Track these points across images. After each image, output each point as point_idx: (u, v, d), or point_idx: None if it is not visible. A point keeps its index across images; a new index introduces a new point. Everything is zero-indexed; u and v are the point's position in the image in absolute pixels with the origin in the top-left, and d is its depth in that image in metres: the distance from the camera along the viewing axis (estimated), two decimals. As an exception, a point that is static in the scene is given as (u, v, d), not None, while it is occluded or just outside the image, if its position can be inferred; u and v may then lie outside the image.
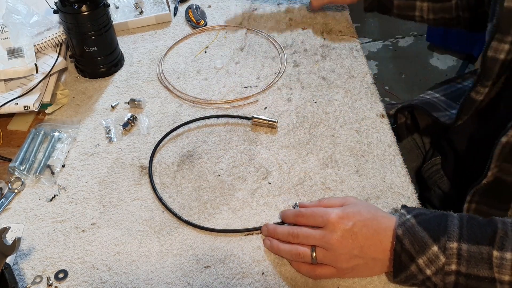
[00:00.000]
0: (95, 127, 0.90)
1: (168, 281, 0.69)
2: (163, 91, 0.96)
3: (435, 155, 0.95)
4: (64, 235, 0.74)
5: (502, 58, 0.69)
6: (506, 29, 0.67)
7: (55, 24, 0.99)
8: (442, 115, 0.89)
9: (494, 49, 0.70)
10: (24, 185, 0.81)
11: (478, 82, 0.75)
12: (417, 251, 0.60)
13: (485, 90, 0.75)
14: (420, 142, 1.00)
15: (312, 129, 0.87)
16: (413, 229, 0.61)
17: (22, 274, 0.70)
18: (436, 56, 2.42)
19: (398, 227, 0.62)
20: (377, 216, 0.65)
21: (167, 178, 0.81)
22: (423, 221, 0.62)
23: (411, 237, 0.61)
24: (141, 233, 0.74)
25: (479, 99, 0.76)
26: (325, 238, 0.64)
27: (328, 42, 1.03)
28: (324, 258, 0.64)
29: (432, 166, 0.94)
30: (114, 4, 1.12)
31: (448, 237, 0.60)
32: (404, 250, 0.61)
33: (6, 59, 0.92)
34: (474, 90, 0.76)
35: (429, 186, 0.93)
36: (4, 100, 0.89)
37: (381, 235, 0.63)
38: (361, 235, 0.63)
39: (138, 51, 1.04)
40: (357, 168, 0.81)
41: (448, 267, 0.59)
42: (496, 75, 0.72)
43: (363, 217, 0.65)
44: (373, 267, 0.65)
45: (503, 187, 0.70)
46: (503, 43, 0.68)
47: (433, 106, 0.93)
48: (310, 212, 0.68)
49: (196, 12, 1.11)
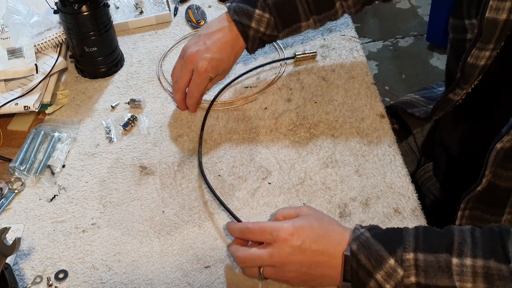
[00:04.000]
0: (95, 127, 0.90)
1: (168, 281, 0.69)
2: (163, 91, 0.96)
3: (427, 161, 0.96)
4: (64, 235, 0.75)
5: (482, 64, 0.70)
6: (488, 39, 0.68)
7: (55, 24, 0.99)
8: (418, 110, 0.91)
9: (475, 57, 0.70)
10: (24, 185, 0.81)
11: (457, 86, 0.76)
12: (373, 266, 0.59)
13: (462, 92, 0.76)
14: (415, 147, 1.00)
15: (312, 129, 0.87)
16: (368, 243, 0.60)
17: (22, 274, 0.70)
18: (436, 56, 2.42)
19: (352, 241, 0.61)
20: (329, 230, 0.63)
21: (167, 178, 0.81)
22: (378, 234, 0.61)
23: (366, 252, 0.60)
24: (141, 233, 0.74)
25: (456, 99, 0.78)
26: (274, 258, 0.62)
27: (328, 42, 1.03)
28: (273, 274, 0.64)
29: (425, 173, 0.94)
30: (114, 4, 1.12)
31: (404, 248, 0.59)
32: (361, 266, 0.60)
33: (6, 59, 0.92)
34: (453, 92, 0.77)
35: (423, 192, 0.93)
36: (4, 100, 0.89)
37: (331, 251, 0.62)
38: (311, 252, 0.62)
39: (138, 51, 1.04)
40: (357, 168, 0.81)
41: (407, 279, 0.58)
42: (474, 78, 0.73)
43: (314, 232, 0.62)
44: (322, 282, 0.64)
45: (497, 192, 0.70)
46: (484, 51, 0.69)
47: (409, 104, 0.95)
48: (258, 228, 0.64)
49: (196, 12, 1.11)
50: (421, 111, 0.90)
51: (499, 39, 0.67)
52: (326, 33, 1.05)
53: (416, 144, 1.00)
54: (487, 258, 0.56)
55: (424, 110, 0.90)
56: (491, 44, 0.68)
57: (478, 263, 0.56)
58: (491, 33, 0.67)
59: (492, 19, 0.66)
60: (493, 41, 0.68)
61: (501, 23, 0.66)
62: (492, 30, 0.67)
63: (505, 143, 0.65)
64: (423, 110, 0.90)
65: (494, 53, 0.69)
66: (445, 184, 0.91)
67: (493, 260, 0.56)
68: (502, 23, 0.66)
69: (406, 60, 2.43)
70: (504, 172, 0.67)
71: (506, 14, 0.65)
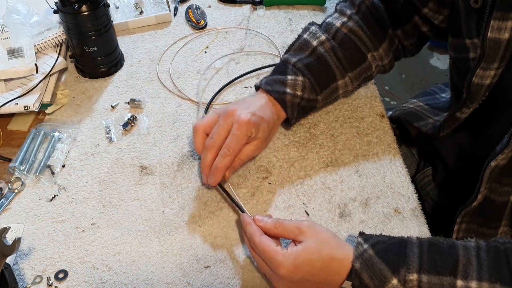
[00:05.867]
0: (95, 127, 0.90)
1: (168, 281, 0.69)
2: (163, 91, 0.96)
3: (426, 166, 0.95)
4: (64, 235, 0.74)
5: (487, 83, 0.70)
6: (492, 58, 0.67)
7: (55, 24, 0.99)
8: (425, 124, 0.89)
9: (480, 76, 0.70)
10: (24, 185, 0.81)
11: (463, 105, 0.75)
12: (376, 286, 0.59)
13: (469, 110, 0.76)
14: (414, 150, 1.00)
15: (312, 128, 0.87)
16: (371, 261, 0.60)
17: (22, 274, 0.70)
18: (436, 56, 2.42)
19: (356, 259, 0.60)
20: (328, 261, 0.62)
21: (167, 178, 0.81)
22: (381, 251, 0.60)
23: (369, 271, 0.59)
24: (141, 233, 0.74)
25: (463, 117, 0.77)
26: (273, 279, 0.64)
27: (328, 42, 1.02)
28: None
29: (424, 177, 0.94)
30: (114, 4, 1.12)
31: (408, 268, 0.58)
32: (363, 284, 0.59)
33: (6, 59, 0.92)
34: (460, 110, 0.77)
35: (423, 197, 0.93)
36: (4, 100, 0.89)
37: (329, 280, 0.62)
38: (309, 283, 0.62)
39: (138, 51, 1.04)
40: (357, 168, 0.81)
41: None
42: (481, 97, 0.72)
43: (314, 268, 0.62)
44: None
45: (493, 206, 0.70)
46: (488, 70, 0.69)
47: (415, 115, 0.92)
48: (257, 253, 0.65)
49: (196, 12, 1.11)
50: (427, 125, 0.88)
51: (503, 58, 0.67)
52: (326, 33, 1.05)
53: (415, 148, 1.00)
54: (493, 281, 0.56)
55: (431, 125, 0.88)
56: (495, 63, 0.67)
57: (484, 286, 0.56)
58: (494, 53, 0.66)
59: (494, 39, 0.65)
60: (497, 60, 0.67)
61: (504, 42, 0.65)
62: (495, 50, 0.66)
63: (500, 161, 0.65)
64: (430, 124, 0.88)
65: (499, 71, 0.68)
66: (444, 191, 0.91)
67: (499, 284, 0.56)
68: (506, 42, 0.65)
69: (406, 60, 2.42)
70: (499, 187, 0.68)
71: (509, 33, 0.64)
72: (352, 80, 0.84)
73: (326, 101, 0.84)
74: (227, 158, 0.73)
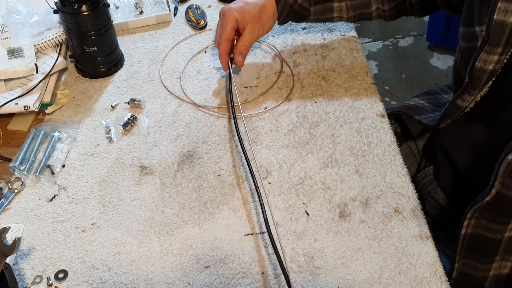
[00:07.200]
0: (95, 127, 0.90)
1: (168, 281, 0.69)
2: (163, 91, 0.96)
3: (428, 165, 0.95)
4: (64, 235, 0.74)
5: (490, 68, 0.69)
6: (496, 42, 0.67)
7: (55, 24, 0.99)
8: (425, 117, 0.89)
9: (483, 61, 0.69)
10: (24, 185, 0.81)
11: (465, 91, 0.75)
12: None
13: (471, 98, 0.75)
14: (415, 149, 1.00)
15: (312, 128, 0.87)
16: None
17: (22, 274, 0.70)
18: (436, 56, 2.42)
19: None
20: None
21: (167, 178, 0.81)
22: None
23: None
24: (141, 233, 0.74)
25: (465, 105, 0.77)
26: None
27: (328, 42, 1.03)
28: None
29: (425, 176, 0.94)
30: (114, 4, 1.12)
31: None
32: None
33: (6, 59, 0.92)
34: (461, 98, 0.76)
35: (423, 196, 0.92)
36: (4, 100, 0.89)
37: None
38: None
39: (138, 51, 1.04)
40: (357, 168, 0.81)
41: None
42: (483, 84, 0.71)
43: None
44: None
45: (505, 202, 0.69)
46: (492, 54, 0.68)
47: (417, 110, 0.92)
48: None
49: (196, 12, 1.11)
50: (428, 118, 0.88)
51: (508, 43, 0.66)
52: (326, 33, 1.04)
53: (416, 147, 1.00)
54: None
55: (432, 117, 0.88)
56: (499, 47, 0.67)
57: None
58: (499, 36, 0.66)
59: (500, 21, 0.65)
60: (501, 44, 0.66)
61: (510, 25, 0.64)
62: (500, 33, 0.66)
63: None
64: (430, 117, 0.88)
65: (503, 58, 0.68)
66: (447, 190, 0.90)
67: None
68: (511, 26, 0.64)
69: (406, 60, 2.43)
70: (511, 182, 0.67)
71: None
72: (348, 8, 0.88)
73: (317, 17, 0.91)
74: (222, 44, 0.90)
